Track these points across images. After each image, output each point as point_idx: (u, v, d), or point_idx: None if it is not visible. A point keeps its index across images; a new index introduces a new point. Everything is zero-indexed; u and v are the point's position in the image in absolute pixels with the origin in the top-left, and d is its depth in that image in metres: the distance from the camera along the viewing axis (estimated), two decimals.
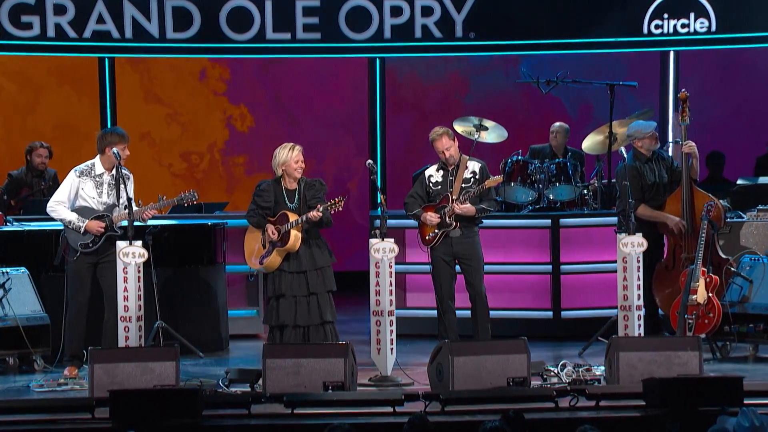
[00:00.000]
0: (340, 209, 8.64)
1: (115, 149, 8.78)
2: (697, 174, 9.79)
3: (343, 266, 10.29)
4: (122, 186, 8.81)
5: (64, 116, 13.88)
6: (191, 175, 14.13)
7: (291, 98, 14.29)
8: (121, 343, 8.46)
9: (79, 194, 8.86)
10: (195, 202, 8.88)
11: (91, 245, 8.81)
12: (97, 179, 8.90)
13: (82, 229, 8.78)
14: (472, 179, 9.11)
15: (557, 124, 11.74)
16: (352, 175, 14.09)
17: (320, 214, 8.57)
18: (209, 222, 10.38)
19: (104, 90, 13.43)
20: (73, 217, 8.81)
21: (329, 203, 8.61)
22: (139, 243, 8.54)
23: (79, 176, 8.89)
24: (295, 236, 8.64)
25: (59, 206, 8.87)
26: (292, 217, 8.65)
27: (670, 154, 10.45)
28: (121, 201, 8.86)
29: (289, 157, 8.73)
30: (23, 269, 9.41)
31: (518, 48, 13.25)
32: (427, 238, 9.14)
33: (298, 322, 8.63)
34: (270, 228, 8.68)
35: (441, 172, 9.18)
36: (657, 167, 9.85)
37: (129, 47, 12.95)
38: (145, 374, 7.77)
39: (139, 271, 8.53)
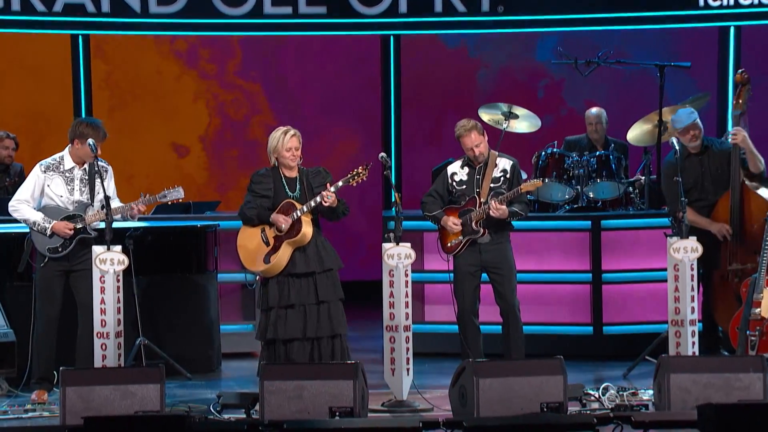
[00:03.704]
0: (365, 179, 8.63)
1: (90, 141, 8.81)
2: (759, 168, 9.73)
3: (353, 274, 10.31)
4: (99, 181, 8.84)
5: (30, 103, 13.92)
6: (178, 170, 14.18)
7: (292, 82, 14.32)
8: (98, 363, 8.49)
9: (45, 192, 8.89)
10: (180, 200, 8.90)
11: (60, 249, 8.83)
12: (67, 174, 8.92)
13: (49, 231, 8.81)
14: (502, 178, 9.10)
15: (593, 110, 11.70)
16: (368, 160, 14.06)
17: (333, 192, 8.55)
18: (199, 224, 10.41)
19: (78, 72, 13.48)
20: (38, 217, 8.84)
21: (350, 175, 8.61)
22: (119, 248, 8.57)
23: (45, 171, 8.92)
24: (307, 225, 8.66)
25: (22, 205, 8.89)
26: (299, 205, 8.67)
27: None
28: (96, 198, 8.88)
29: (280, 143, 8.75)
30: None
31: (554, 24, 13.24)
32: (449, 245, 9.13)
33: (307, 334, 8.65)
34: (279, 217, 8.67)
35: (466, 169, 9.17)
36: (706, 162, 9.82)
37: (106, 23, 12.98)
38: (125, 398, 7.79)
39: (118, 280, 8.56)
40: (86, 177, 8.91)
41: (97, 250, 8.52)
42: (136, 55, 14.14)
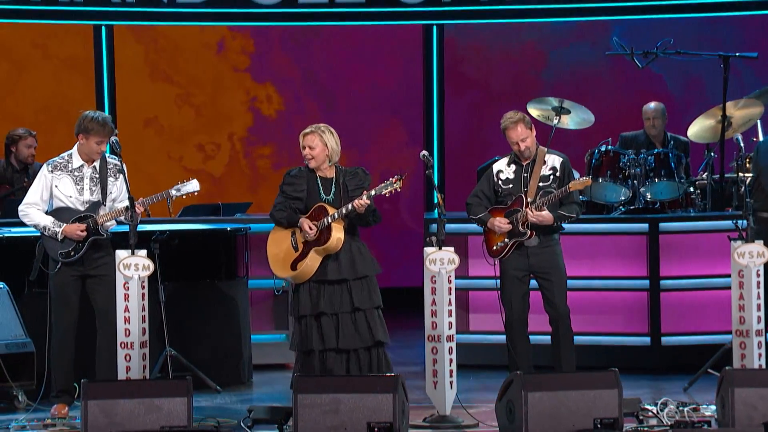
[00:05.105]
0: (398, 190, 8.62)
1: (114, 138, 8.84)
2: None
3: (392, 281, 10.32)
4: (112, 179, 8.87)
5: (50, 97, 13.99)
6: (207, 169, 14.21)
7: (328, 75, 14.33)
8: (121, 375, 8.51)
9: (54, 193, 8.92)
10: (195, 194, 8.90)
11: (73, 253, 8.85)
12: (76, 173, 8.94)
13: (60, 235, 8.83)
14: (551, 177, 9.06)
15: (652, 105, 11.64)
16: (402, 169, 14.08)
17: (368, 202, 8.57)
18: (229, 227, 10.43)
19: (101, 65, 13.55)
20: (47, 221, 8.87)
21: (383, 184, 8.59)
22: (144, 252, 8.59)
23: (52, 171, 8.94)
24: (337, 232, 8.66)
25: (31, 209, 8.91)
26: (331, 210, 8.67)
27: None
28: (109, 198, 8.90)
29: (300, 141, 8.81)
30: (1, 285, 9.49)
31: (609, 12, 13.22)
32: (494, 248, 9.10)
33: (341, 344, 8.65)
34: (306, 223, 8.68)
35: (513, 167, 9.14)
36: None
37: (131, 13, 13.07)
38: (151, 413, 7.81)
39: (143, 287, 8.58)
40: (96, 175, 8.93)
41: (121, 254, 8.53)
42: (159, 48, 14.18)
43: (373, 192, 8.63)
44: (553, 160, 9.10)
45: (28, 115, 13.57)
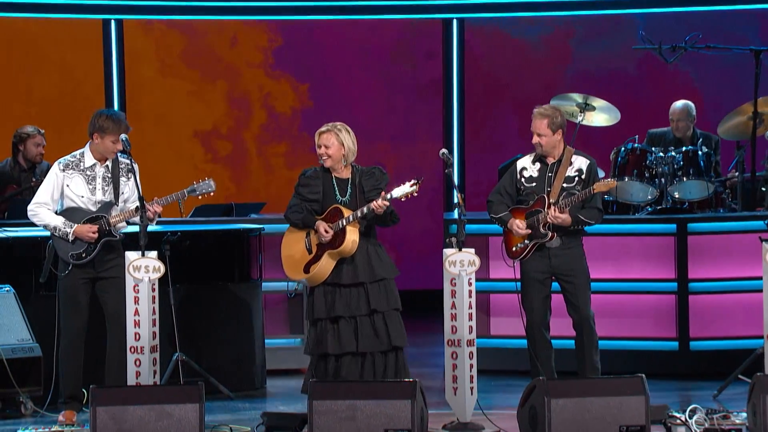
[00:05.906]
0: (415, 195, 8.62)
1: (123, 136, 8.86)
2: None
3: (410, 283, 10.30)
4: (124, 179, 8.88)
5: (59, 94, 14.02)
6: (219, 168, 14.23)
7: (345, 71, 14.33)
8: (131, 381, 8.52)
9: (65, 193, 8.93)
10: (212, 194, 8.91)
11: (84, 255, 8.87)
12: (88, 173, 8.95)
13: (71, 236, 8.84)
14: (576, 179, 9.04)
15: (678, 104, 11.55)
16: (421, 168, 14.09)
17: (387, 203, 8.57)
18: (242, 227, 10.44)
19: (110, 60, 13.57)
20: (58, 221, 8.88)
21: (398, 189, 8.57)
22: (154, 254, 8.59)
23: (64, 170, 8.96)
24: (352, 234, 8.65)
25: (41, 209, 8.93)
26: (347, 213, 8.66)
27: None
28: (121, 198, 8.91)
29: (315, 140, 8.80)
30: (8, 287, 9.52)
31: (636, 4, 13.18)
32: (514, 249, 9.08)
33: (360, 348, 8.64)
34: (322, 226, 8.68)
35: (538, 165, 9.11)
36: None
37: (141, 7, 13.08)
38: (161, 419, 7.82)
39: (153, 290, 8.59)
40: (109, 175, 8.94)
41: (131, 256, 8.54)
42: (170, 43, 14.20)
43: (389, 196, 8.61)
44: (580, 162, 9.07)
45: (36, 112, 13.59)
